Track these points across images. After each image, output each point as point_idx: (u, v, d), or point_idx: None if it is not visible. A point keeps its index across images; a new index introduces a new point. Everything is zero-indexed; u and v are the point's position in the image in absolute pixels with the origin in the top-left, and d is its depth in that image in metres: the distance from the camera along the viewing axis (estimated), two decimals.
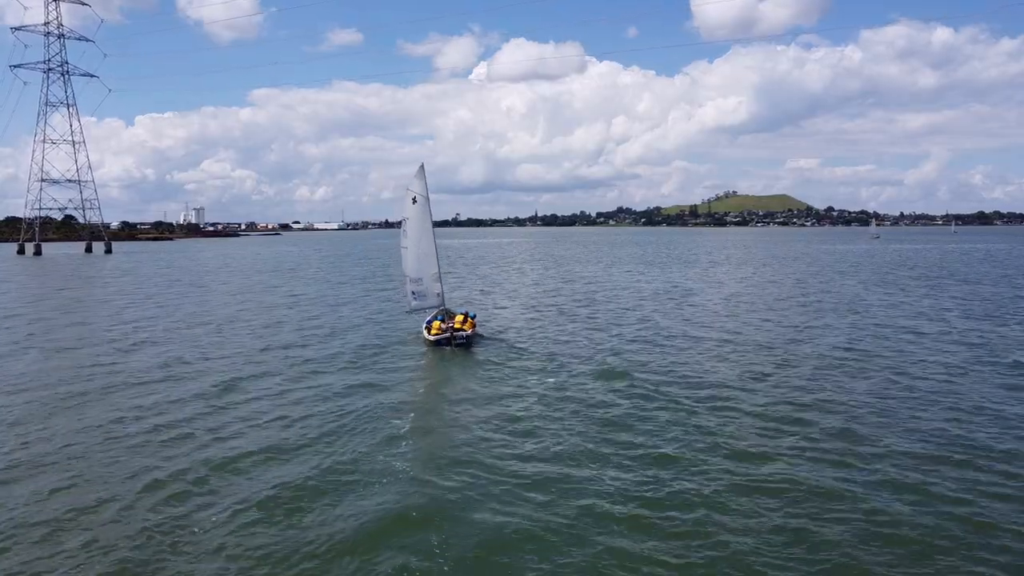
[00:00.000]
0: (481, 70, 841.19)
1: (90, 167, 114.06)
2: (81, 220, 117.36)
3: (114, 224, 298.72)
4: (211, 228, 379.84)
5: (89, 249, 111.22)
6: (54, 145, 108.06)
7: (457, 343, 24.89)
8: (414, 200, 27.89)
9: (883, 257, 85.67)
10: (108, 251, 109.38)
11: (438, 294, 29.19)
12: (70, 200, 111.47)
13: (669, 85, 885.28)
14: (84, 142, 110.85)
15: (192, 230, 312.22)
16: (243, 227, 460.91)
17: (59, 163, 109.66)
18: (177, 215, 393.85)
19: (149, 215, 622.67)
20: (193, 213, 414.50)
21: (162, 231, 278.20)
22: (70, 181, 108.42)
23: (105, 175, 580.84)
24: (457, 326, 25.63)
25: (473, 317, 27.21)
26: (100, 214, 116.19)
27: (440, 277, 29.28)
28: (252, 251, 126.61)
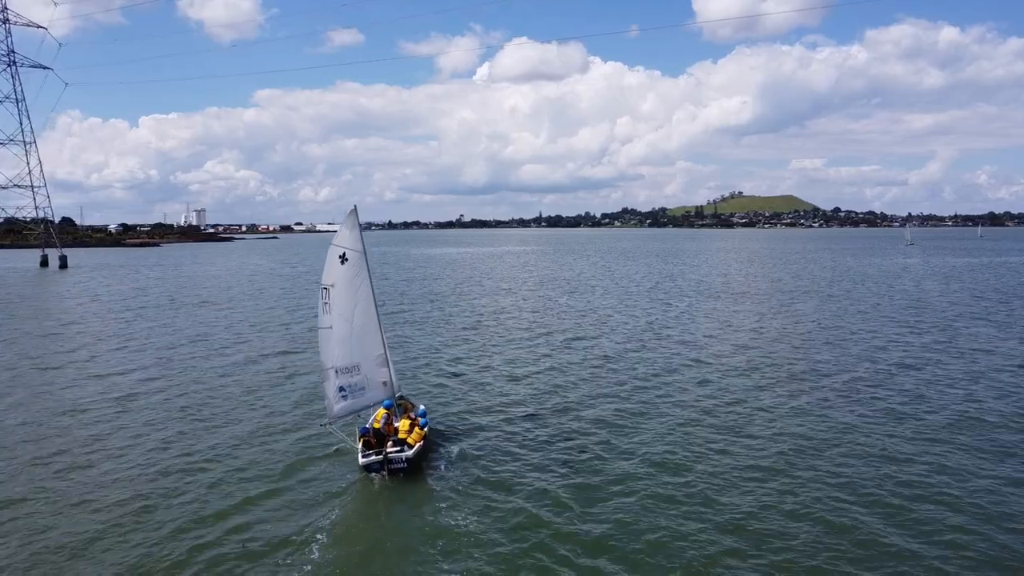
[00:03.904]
0: (484, 71, 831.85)
1: (42, 170, 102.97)
2: (34, 227, 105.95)
3: (112, 226, 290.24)
4: (210, 230, 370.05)
5: (45, 263, 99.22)
6: (1, 146, 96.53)
7: (393, 469, 16.62)
8: (342, 258, 17.75)
9: (961, 279, 67.59)
10: (63, 266, 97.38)
11: (385, 383, 18.91)
12: (18, 208, 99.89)
13: (673, 85, 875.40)
14: (35, 142, 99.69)
15: (188, 233, 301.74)
16: (243, 229, 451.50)
17: (6, 166, 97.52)
18: (179, 216, 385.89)
19: (153, 216, 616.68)
20: (194, 215, 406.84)
21: (153, 235, 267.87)
22: (18, 187, 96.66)
23: (109, 176, 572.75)
24: (402, 434, 17.36)
25: (424, 424, 18.60)
26: (53, 219, 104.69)
27: (388, 358, 18.69)
28: (220, 264, 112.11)
